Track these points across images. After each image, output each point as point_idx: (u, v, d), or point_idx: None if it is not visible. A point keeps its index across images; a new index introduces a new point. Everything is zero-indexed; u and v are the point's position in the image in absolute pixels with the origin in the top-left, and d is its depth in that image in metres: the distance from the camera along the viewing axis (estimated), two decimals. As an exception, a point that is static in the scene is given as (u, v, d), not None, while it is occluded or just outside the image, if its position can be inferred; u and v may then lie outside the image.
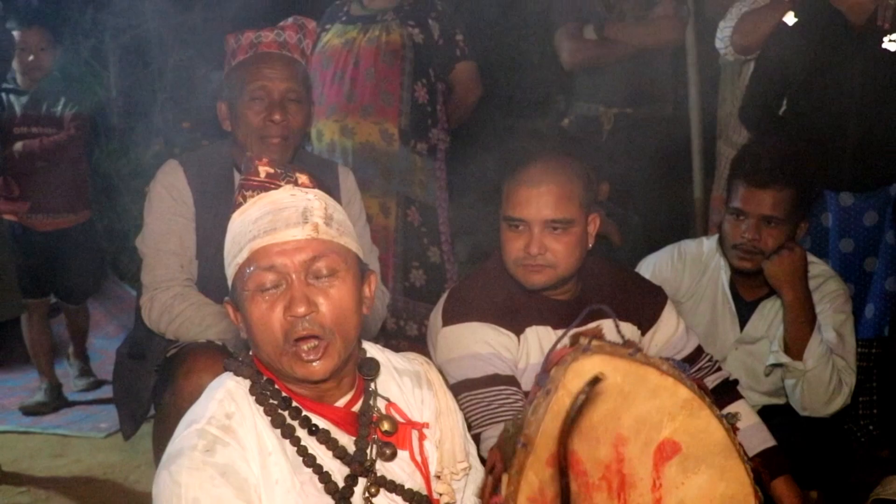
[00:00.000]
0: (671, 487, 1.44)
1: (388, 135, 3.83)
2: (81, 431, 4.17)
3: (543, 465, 1.37)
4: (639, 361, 1.46)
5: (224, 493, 1.57)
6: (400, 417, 1.80)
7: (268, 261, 1.62)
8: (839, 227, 3.55)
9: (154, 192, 2.82)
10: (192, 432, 1.64)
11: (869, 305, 3.53)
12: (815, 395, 2.94)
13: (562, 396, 1.40)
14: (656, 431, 1.45)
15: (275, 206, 1.65)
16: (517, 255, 2.45)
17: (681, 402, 1.46)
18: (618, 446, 1.43)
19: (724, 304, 3.15)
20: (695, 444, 1.46)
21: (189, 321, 2.66)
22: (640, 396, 1.45)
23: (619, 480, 1.42)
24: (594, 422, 1.42)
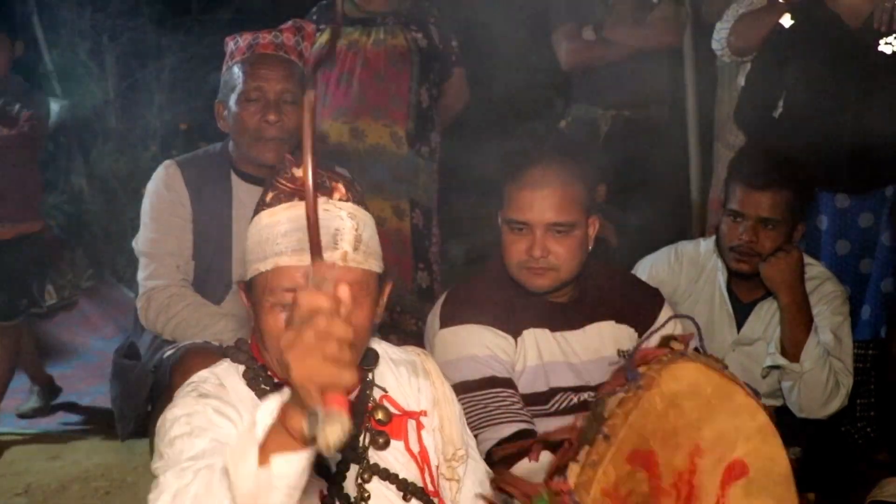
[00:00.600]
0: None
1: (398, 137, 3.84)
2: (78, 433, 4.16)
3: (623, 461, 1.37)
4: (728, 378, 1.47)
5: (220, 421, 1.58)
6: (395, 409, 1.82)
7: (291, 281, 1.60)
8: (835, 229, 3.56)
9: (151, 193, 2.82)
10: (187, 387, 1.67)
11: (865, 307, 3.53)
12: (812, 397, 2.94)
13: (654, 395, 1.40)
14: (730, 450, 1.46)
15: (305, 223, 1.62)
16: (520, 258, 2.44)
17: (757, 427, 1.47)
18: (694, 456, 1.43)
19: (721, 306, 3.15)
20: (762, 470, 1.47)
21: (186, 322, 2.66)
22: (724, 412, 1.45)
23: (687, 490, 1.42)
24: (678, 427, 1.42)
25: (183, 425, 1.57)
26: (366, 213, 1.70)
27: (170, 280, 2.73)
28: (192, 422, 1.57)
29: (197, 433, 1.55)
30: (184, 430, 1.56)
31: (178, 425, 1.57)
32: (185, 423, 1.57)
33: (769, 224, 2.94)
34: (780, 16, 3.58)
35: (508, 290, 2.53)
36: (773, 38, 3.59)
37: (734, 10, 3.91)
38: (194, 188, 2.81)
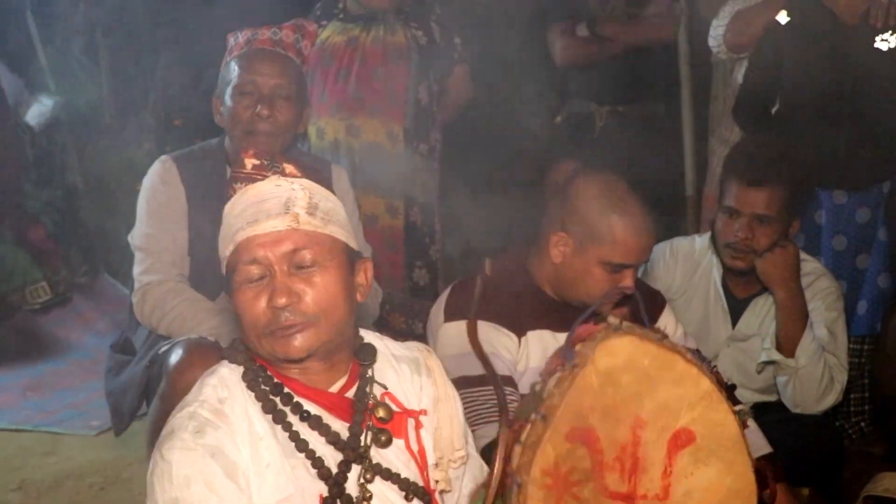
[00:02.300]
0: (681, 476, 1.46)
1: (394, 135, 3.83)
2: (72, 429, 4.15)
3: (562, 439, 1.38)
4: (667, 347, 1.48)
5: (214, 473, 1.59)
6: (396, 407, 1.80)
7: (250, 254, 1.64)
8: (832, 225, 3.56)
9: (147, 189, 2.82)
10: (184, 415, 1.66)
11: (861, 302, 3.54)
12: (806, 392, 2.95)
13: (589, 373, 1.41)
14: (674, 419, 1.46)
15: (259, 198, 1.67)
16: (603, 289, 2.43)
17: (701, 394, 1.48)
18: (636, 429, 1.44)
19: (717, 302, 3.16)
20: (709, 436, 1.48)
21: (181, 317, 2.66)
22: (665, 382, 1.46)
23: (632, 463, 1.43)
24: (616, 402, 1.43)
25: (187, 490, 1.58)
26: (325, 189, 1.76)
27: (165, 275, 2.72)
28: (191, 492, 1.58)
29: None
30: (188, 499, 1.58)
31: (184, 488, 1.58)
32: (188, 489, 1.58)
33: (765, 221, 2.95)
34: (776, 12, 3.57)
35: (515, 289, 2.54)
36: (770, 35, 3.59)
37: (730, 7, 3.91)
38: (190, 183, 2.81)
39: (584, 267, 2.44)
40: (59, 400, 4.60)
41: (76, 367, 5.12)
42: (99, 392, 3.14)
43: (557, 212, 2.50)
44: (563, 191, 2.53)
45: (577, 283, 2.48)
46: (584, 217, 2.43)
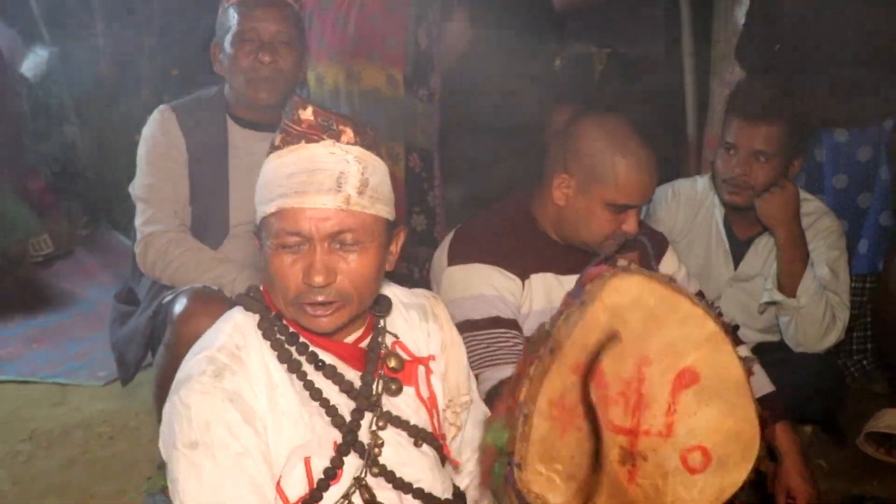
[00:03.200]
0: (684, 414, 1.47)
1: (394, 81, 3.79)
2: (80, 380, 4.18)
3: (568, 371, 1.40)
4: (673, 289, 1.50)
5: (233, 418, 1.60)
6: (406, 355, 1.82)
7: (294, 224, 1.61)
8: (833, 163, 3.55)
9: (147, 139, 2.81)
10: (202, 358, 1.66)
11: (863, 241, 3.54)
12: (809, 331, 2.96)
13: (597, 309, 1.43)
14: (680, 358, 1.48)
15: (311, 165, 1.62)
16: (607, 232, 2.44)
17: (707, 335, 1.50)
18: (641, 366, 1.46)
19: (719, 243, 3.16)
20: (713, 377, 1.49)
21: (184, 267, 2.66)
22: (670, 322, 1.48)
23: (636, 399, 1.45)
24: (623, 338, 1.44)
25: (205, 430, 1.59)
26: (376, 158, 1.69)
27: (167, 225, 2.72)
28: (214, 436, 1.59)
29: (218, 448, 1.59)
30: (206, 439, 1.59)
31: (202, 429, 1.60)
32: (207, 429, 1.59)
33: (763, 157, 2.94)
34: (778, -52, 3.54)
35: (518, 232, 2.54)
36: (771, -27, 3.55)
37: (731, -56, 3.87)
38: (190, 133, 2.79)
39: (588, 208, 2.44)
40: (65, 351, 4.63)
41: (81, 319, 5.15)
42: (104, 343, 3.16)
43: (560, 153, 2.48)
44: (565, 132, 2.52)
45: (580, 224, 2.48)
46: (587, 158, 2.42)
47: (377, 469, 1.71)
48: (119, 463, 3.31)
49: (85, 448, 3.46)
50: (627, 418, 1.45)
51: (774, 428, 2.61)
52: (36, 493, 3.11)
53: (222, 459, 1.58)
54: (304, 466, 1.65)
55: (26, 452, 3.44)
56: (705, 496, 1.47)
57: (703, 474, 1.48)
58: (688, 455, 1.48)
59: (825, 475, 2.97)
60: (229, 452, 1.58)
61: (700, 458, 1.48)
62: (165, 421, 1.65)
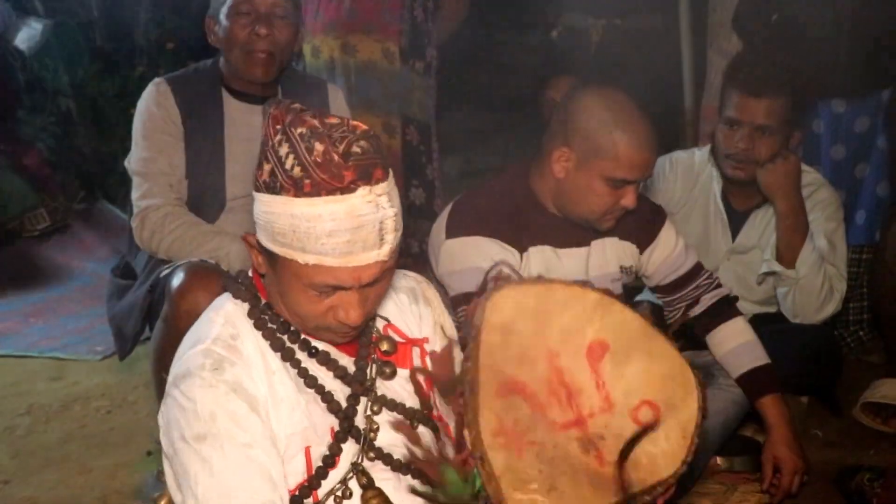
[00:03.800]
0: (613, 382, 1.50)
1: (390, 53, 3.78)
2: (78, 354, 4.19)
3: (494, 399, 1.43)
4: (543, 282, 1.54)
5: (238, 408, 1.60)
6: (398, 337, 1.81)
7: (335, 279, 1.55)
8: (831, 134, 3.54)
9: (142, 112, 2.79)
10: (198, 352, 1.64)
11: (860, 212, 3.54)
12: (806, 302, 2.97)
13: (488, 333, 1.47)
14: (581, 337, 1.51)
15: (352, 222, 1.51)
16: (607, 208, 2.45)
17: (592, 305, 1.53)
18: (552, 361, 1.49)
19: (716, 215, 3.16)
20: (618, 337, 1.52)
21: (180, 240, 2.65)
22: (556, 310, 1.51)
23: (565, 391, 1.48)
24: (524, 346, 1.48)
25: (210, 423, 1.58)
26: (391, 177, 1.60)
27: (164, 199, 2.71)
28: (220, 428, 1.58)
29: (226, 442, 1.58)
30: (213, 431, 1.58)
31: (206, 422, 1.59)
32: (213, 423, 1.58)
33: (766, 131, 2.93)
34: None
35: (517, 205, 2.53)
36: (768, -60, 3.52)
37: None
38: (185, 106, 2.78)
39: (587, 182, 2.43)
40: (63, 326, 4.64)
41: (78, 294, 5.15)
42: (102, 318, 3.16)
43: (560, 126, 2.46)
44: (565, 105, 2.50)
45: (579, 198, 2.47)
46: (587, 131, 2.40)
47: (373, 453, 1.70)
48: (117, 437, 3.32)
49: (83, 422, 3.47)
50: (568, 412, 1.47)
51: (765, 400, 2.62)
52: (34, 467, 3.12)
53: (230, 451, 1.57)
54: (303, 455, 1.65)
55: (24, 426, 3.46)
56: (673, 441, 1.49)
57: (660, 424, 1.49)
58: (637, 414, 1.50)
59: (821, 445, 2.99)
60: (237, 443, 1.58)
61: (649, 412, 1.50)
62: (168, 416, 1.64)
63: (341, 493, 1.67)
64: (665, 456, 1.48)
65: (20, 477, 3.06)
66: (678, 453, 1.49)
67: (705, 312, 2.71)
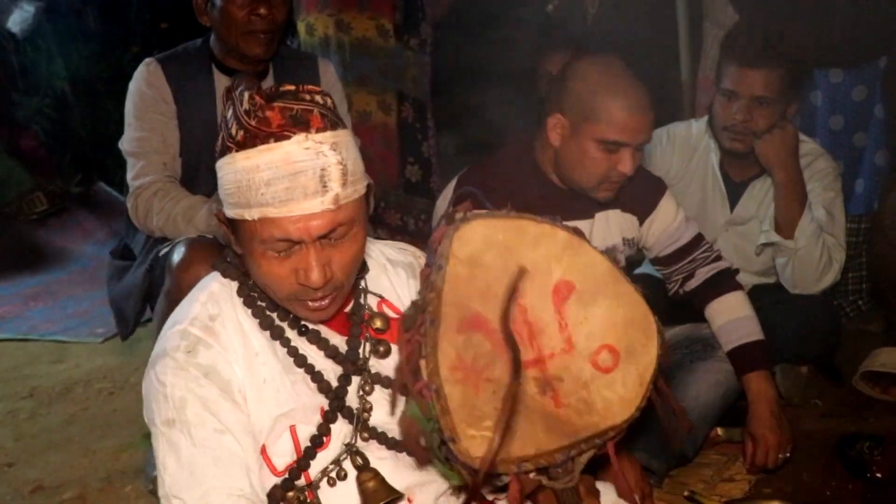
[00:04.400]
0: (577, 324, 1.48)
1: (384, 30, 3.76)
2: (79, 337, 4.20)
3: (455, 334, 1.40)
4: (514, 217, 1.51)
5: (209, 393, 1.58)
6: (392, 313, 1.78)
7: (282, 232, 1.52)
8: (829, 104, 3.53)
9: (133, 92, 2.78)
10: (175, 333, 1.63)
11: (859, 181, 3.53)
12: (805, 272, 2.97)
13: (454, 265, 1.43)
14: (548, 276, 1.49)
15: (289, 169, 1.49)
16: (602, 172, 2.45)
17: (562, 244, 1.51)
18: (517, 299, 1.46)
19: (715, 186, 3.15)
20: (585, 279, 1.50)
21: (173, 215, 2.64)
22: (525, 247, 1.49)
23: (527, 330, 1.46)
24: (489, 281, 1.44)
25: (180, 410, 1.57)
26: (343, 130, 1.58)
27: (156, 176, 2.71)
28: (188, 413, 1.57)
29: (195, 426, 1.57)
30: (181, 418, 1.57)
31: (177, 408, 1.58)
32: (181, 408, 1.57)
33: (763, 102, 2.92)
34: None
35: (522, 178, 2.54)
36: None
37: None
38: (176, 85, 2.77)
39: (582, 147, 2.44)
40: (63, 309, 4.65)
41: (78, 276, 5.16)
42: (102, 300, 3.17)
43: (555, 95, 2.49)
44: (560, 74, 2.53)
45: (575, 165, 2.48)
46: (579, 96, 2.42)
47: (367, 433, 1.68)
48: (120, 418, 3.33)
49: (85, 404, 3.48)
50: (528, 351, 1.45)
51: (752, 376, 2.62)
52: (37, 450, 3.13)
53: (199, 437, 1.56)
54: (290, 435, 1.64)
55: (27, 409, 3.47)
56: (629, 387, 1.48)
57: (618, 369, 1.48)
58: (597, 358, 1.48)
59: (821, 414, 3.00)
60: (206, 429, 1.57)
61: (609, 357, 1.49)
62: (145, 396, 1.63)
63: (335, 475, 1.66)
64: (621, 402, 1.47)
65: (24, 460, 3.07)
66: (633, 400, 1.48)
67: (702, 285, 2.71)
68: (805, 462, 2.66)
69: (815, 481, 2.59)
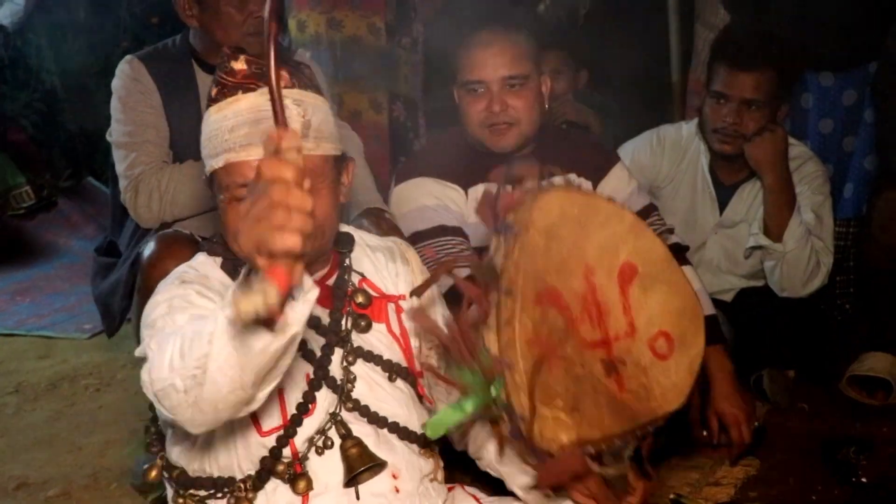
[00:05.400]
0: (638, 308, 1.50)
1: (376, 29, 3.75)
2: (65, 332, 4.18)
3: (532, 307, 1.40)
4: (586, 193, 1.56)
5: (190, 293, 1.61)
6: (374, 293, 1.84)
7: (243, 177, 1.60)
8: (819, 108, 3.54)
9: (119, 89, 2.76)
10: (171, 276, 1.69)
11: (848, 185, 3.54)
12: (793, 276, 2.97)
13: (533, 236, 1.42)
14: (615, 256, 1.50)
15: (252, 116, 1.61)
16: (481, 118, 2.50)
17: (628, 226, 1.53)
18: (588, 276, 1.47)
19: (704, 189, 3.16)
20: (646, 263, 1.52)
21: (179, 181, 2.64)
22: (595, 225, 1.50)
23: (596, 310, 1.47)
24: (564, 256, 1.45)
25: (163, 307, 1.59)
26: (315, 96, 1.69)
27: (155, 163, 2.70)
28: (173, 303, 1.59)
29: (177, 311, 1.58)
30: (163, 311, 1.58)
31: (160, 308, 1.60)
32: (166, 305, 1.59)
33: (753, 105, 2.93)
34: None
35: (458, 147, 2.60)
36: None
37: None
38: (160, 80, 2.76)
39: (460, 100, 2.54)
40: (50, 304, 4.63)
41: (65, 272, 5.14)
42: (89, 296, 3.14)
43: None
44: None
45: (464, 121, 2.56)
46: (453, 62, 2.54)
47: (351, 404, 1.72)
48: (106, 415, 3.31)
49: (72, 400, 3.47)
50: (596, 330, 1.46)
51: (708, 351, 2.60)
52: (23, 446, 3.11)
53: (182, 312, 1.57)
54: (277, 398, 1.66)
55: (13, 405, 3.45)
56: (681, 376, 1.51)
57: (672, 357, 1.50)
58: (654, 344, 1.51)
59: (808, 418, 3.00)
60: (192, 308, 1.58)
61: (665, 344, 1.51)
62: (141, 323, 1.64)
63: (322, 444, 1.69)
64: (674, 389, 1.50)
65: (9, 456, 3.05)
66: (684, 388, 1.51)
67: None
68: (791, 466, 2.67)
69: (802, 486, 2.59)
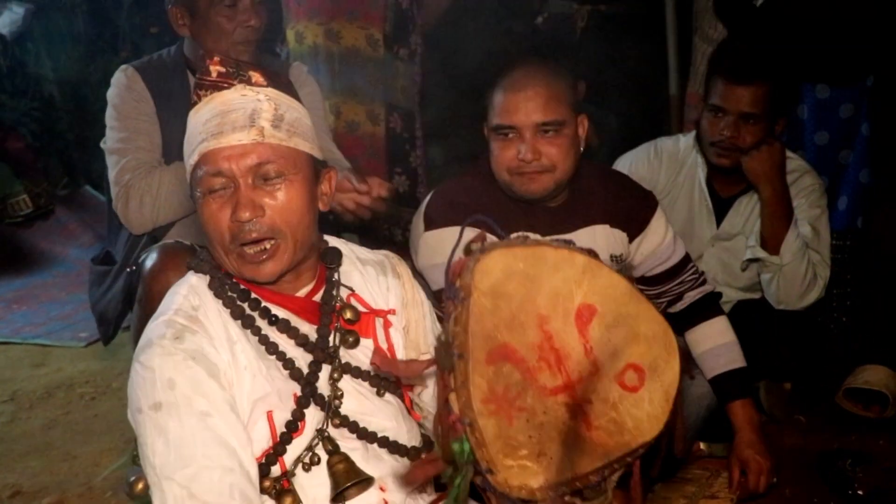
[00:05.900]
0: (601, 346, 1.50)
1: (374, 40, 3.76)
2: (61, 341, 4.18)
3: (484, 366, 1.42)
4: (531, 244, 1.51)
5: (197, 374, 1.61)
6: (362, 307, 1.84)
7: (215, 165, 1.64)
8: (815, 120, 3.54)
9: (114, 97, 2.79)
10: (160, 323, 1.67)
11: (842, 198, 3.54)
12: (790, 289, 2.97)
13: (477, 298, 1.44)
14: (570, 301, 1.50)
15: (224, 108, 1.66)
16: (511, 164, 2.39)
17: (580, 269, 1.51)
18: (542, 325, 1.47)
19: (701, 201, 3.16)
20: (606, 300, 1.51)
21: (169, 183, 2.64)
22: (545, 274, 1.50)
23: (554, 356, 1.47)
24: (514, 311, 1.46)
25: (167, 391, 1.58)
26: (291, 99, 1.73)
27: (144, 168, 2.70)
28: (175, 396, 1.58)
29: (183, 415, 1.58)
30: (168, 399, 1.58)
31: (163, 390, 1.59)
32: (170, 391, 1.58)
33: (751, 119, 2.94)
34: None
35: (490, 192, 2.49)
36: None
37: None
38: (154, 89, 2.78)
39: (492, 144, 2.44)
40: (46, 312, 4.63)
41: (62, 280, 5.14)
42: (85, 304, 3.15)
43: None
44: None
45: (493, 165, 2.46)
46: (485, 100, 2.45)
47: (338, 420, 1.73)
48: (101, 423, 3.31)
49: (67, 409, 3.47)
50: (557, 377, 1.46)
51: (735, 405, 2.62)
52: (18, 454, 3.11)
53: (187, 418, 1.58)
54: (266, 420, 1.67)
55: (8, 413, 3.45)
56: (656, 404, 1.50)
57: (644, 387, 1.50)
58: (623, 378, 1.50)
59: (804, 431, 3.01)
60: (194, 410, 1.58)
61: (634, 375, 1.51)
62: (130, 387, 1.65)
63: (309, 461, 1.69)
64: (650, 419, 1.49)
65: (4, 464, 3.05)
66: (661, 416, 1.50)
67: (688, 308, 2.69)
68: (787, 479, 2.67)
69: (798, 498, 2.59)
